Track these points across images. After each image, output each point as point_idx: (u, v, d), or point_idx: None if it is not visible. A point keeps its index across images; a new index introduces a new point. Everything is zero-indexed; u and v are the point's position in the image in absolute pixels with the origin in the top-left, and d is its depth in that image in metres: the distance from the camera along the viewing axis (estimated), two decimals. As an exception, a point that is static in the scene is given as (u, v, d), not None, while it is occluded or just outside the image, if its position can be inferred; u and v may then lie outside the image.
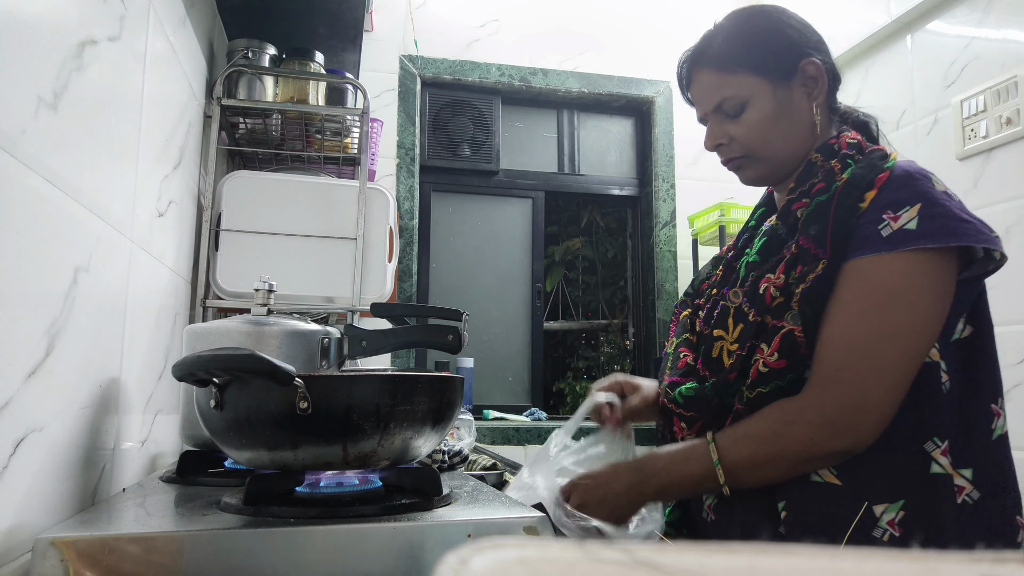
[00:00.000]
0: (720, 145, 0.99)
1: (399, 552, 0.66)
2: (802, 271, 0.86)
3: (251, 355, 0.66)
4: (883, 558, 0.17)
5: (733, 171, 1.02)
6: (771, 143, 0.96)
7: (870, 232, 0.84)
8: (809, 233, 0.87)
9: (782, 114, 0.96)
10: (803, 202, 0.91)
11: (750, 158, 0.98)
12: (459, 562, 0.17)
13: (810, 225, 0.87)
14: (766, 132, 0.96)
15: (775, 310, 0.87)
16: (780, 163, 0.97)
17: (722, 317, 0.93)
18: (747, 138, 0.96)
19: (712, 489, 0.88)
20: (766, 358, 0.86)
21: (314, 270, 1.58)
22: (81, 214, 0.82)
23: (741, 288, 0.93)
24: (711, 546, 0.18)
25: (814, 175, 0.92)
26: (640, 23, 3.01)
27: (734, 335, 0.90)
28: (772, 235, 0.93)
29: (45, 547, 0.59)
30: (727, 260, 1.06)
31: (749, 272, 0.93)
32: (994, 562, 0.17)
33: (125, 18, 0.97)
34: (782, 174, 0.99)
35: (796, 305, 0.85)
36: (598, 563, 0.17)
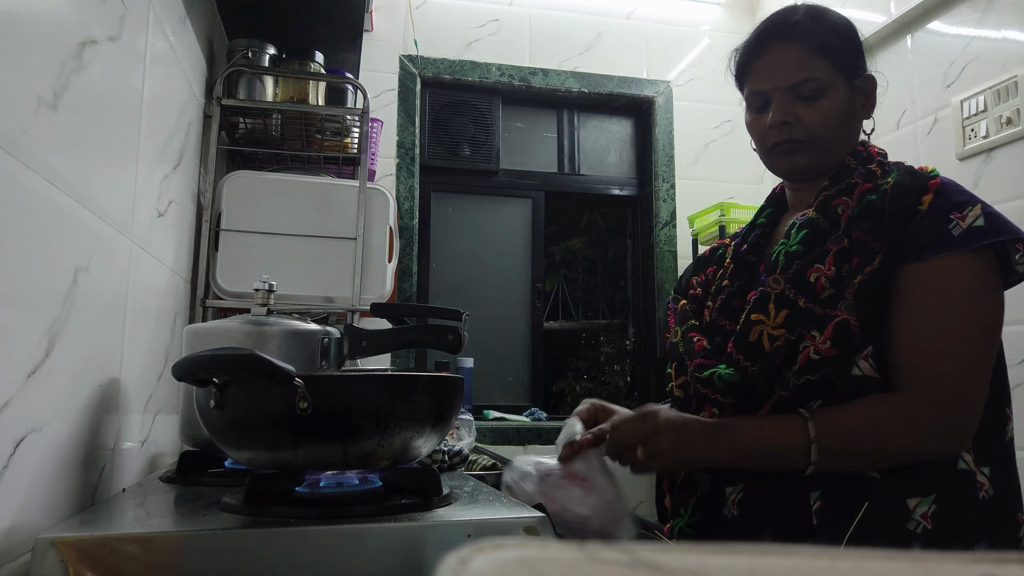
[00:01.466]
0: (786, 124, 0.97)
1: (399, 552, 0.66)
2: (859, 263, 0.87)
3: (251, 355, 0.66)
4: (883, 558, 0.17)
5: (781, 155, 1.00)
6: (834, 136, 0.97)
7: (940, 232, 0.86)
8: (862, 228, 0.89)
9: (849, 114, 0.98)
10: (843, 200, 0.93)
11: (810, 145, 0.97)
12: (459, 562, 0.17)
13: (862, 221, 0.89)
14: (836, 124, 0.96)
15: (826, 300, 0.88)
16: (828, 160, 0.98)
17: (761, 302, 0.92)
18: (817, 125, 0.96)
19: (791, 465, 0.87)
20: (818, 345, 0.86)
21: (314, 270, 1.58)
22: (81, 214, 0.82)
23: (783, 275, 0.92)
24: (711, 546, 0.18)
25: (849, 176, 0.95)
26: (640, 23, 3.01)
27: (777, 320, 0.90)
28: (813, 227, 0.93)
29: (45, 547, 0.59)
30: (738, 253, 1.05)
31: (791, 261, 0.93)
32: (994, 562, 0.17)
33: (125, 18, 0.97)
34: (820, 171, 0.99)
35: (851, 296, 0.87)
36: (598, 563, 0.17)
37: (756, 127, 1.02)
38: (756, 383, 0.91)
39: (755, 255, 1.04)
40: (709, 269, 1.13)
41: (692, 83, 3.02)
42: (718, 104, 3.05)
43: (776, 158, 1.01)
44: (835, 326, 0.86)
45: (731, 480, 0.95)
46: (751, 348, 0.91)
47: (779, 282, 0.92)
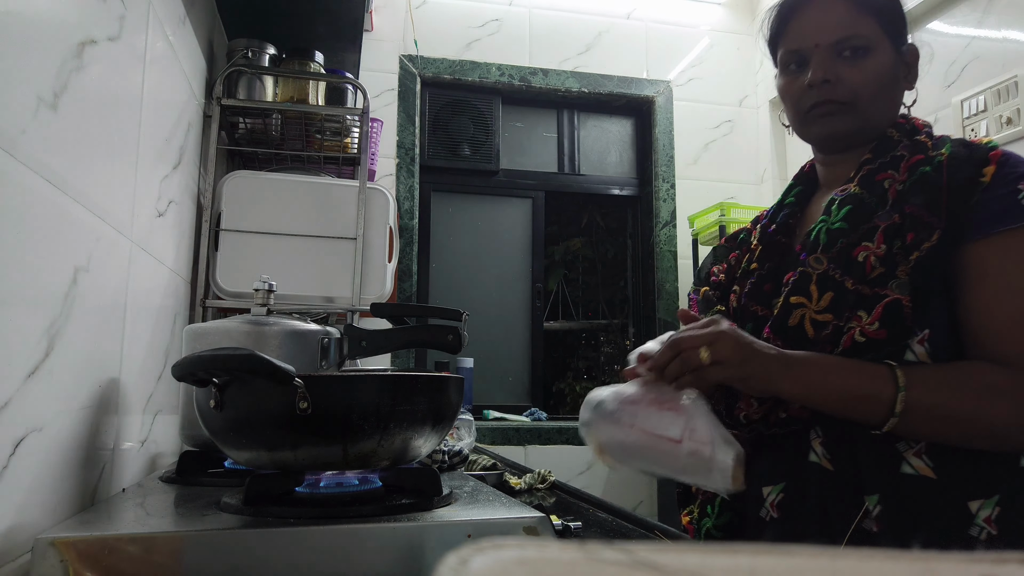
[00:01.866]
0: (827, 82, 0.89)
1: (399, 552, 0.66)
2: (914, 239, 0.80)
3: (251, 355, 0.66)
4: (883, 558, 0.17)
5: (818, 118, 0.92)
6: (877, 101, 0.90)
7: (1010, 203, 0.79)
8: (916, 202, 0.82)
9: (893, 80, 0.91)
10: (889, 173, 0.86)
11: (851, 107, 0.90)
12: (459, 562, 0.17)
13: (915, 195, 0.82)
14: (880, 87, 0.90)
15: (876, 280, 0.81)
16: (869, 127, 0.91)
17: (801, 284, 0.85)
18: (861, 85, 0.89)
19: (869, 414, 0.77)
20: (864, 327, 0.79)
21: (314, 270, 1.58)
22: (81, 214, 0.82)
23: (825, 254, 0.85)
24: (711, 546, 0.18)
25: (893, 148, 0.88)
26: (640, 23, 3.01)
27: (822, 303, 0.83)
28: (857, 202, 0.86)
29: (45, 547, 0.59)
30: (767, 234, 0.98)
31: (835, 239, 0.85)
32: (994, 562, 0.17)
33: (125, 18, 0.97)
34: (859, 139, 0.92)
35: (904, 274, 0.79)
36: (598, 563, 0.17)
37: (791, 90, 0.94)
38: None
39: (785, 236, 0.97)
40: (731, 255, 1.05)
41: (692, 83, 3.02)
42: (718, 104, 3.05)
43: (812, 122, 0.93)
44: (885, 307, 0.78)
45: (770, 478, 0.87)
46: (791, 334, 0.84)
47: (821, 261, 0.84)
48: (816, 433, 0.84)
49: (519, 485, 1.30)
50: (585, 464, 2.61)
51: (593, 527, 1.02)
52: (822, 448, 0.83)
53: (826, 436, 0.83)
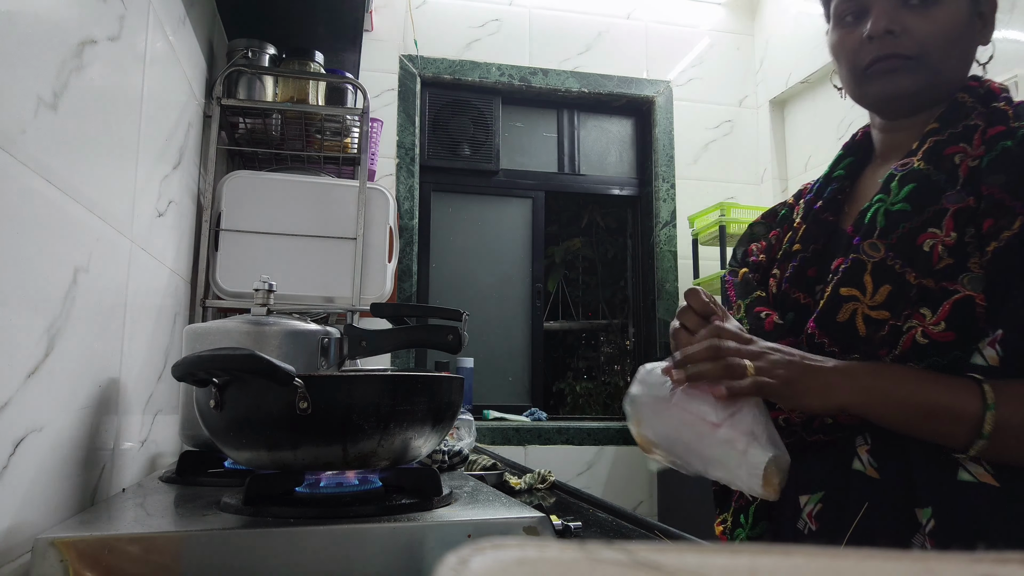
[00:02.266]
0: (890, 33, 0.78)
1: (399, 552, 0.66)
2: (992, 227, 0.69)
3: (251, 355, 0.66)
4: (883, 558, 0.17)
5: (879, 75, 0.80)
6: (949, 56, 0.79)
7: None
8: (996, 182, 0.71)
9: (967, 34, 0.80)
10: (961, 146, 0.75)
11: (918, 62, 0.78)
12: (459, 562, 0.17)
13: (994, 174, 0.71)
14: (951, 40, 0.78)
15: (943, 272, 0.70)
16: (937, 88, 0.80)
17: (853, 274, 0.74)
18: (930, 36, 0.77)
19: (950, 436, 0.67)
20: (928, 327, 0.69)
21: (314, 270, 1.58)
22: (81, 214, 0.82)
23: (883, 240, 0.73)
24: (711, 546, 0.18)
25: (965, 117, 0.77)
26: (640, 23, 3.01)
27: (877, 298, 0.72)
28: (923, 180, 0.74)
29: (45, 547, 0.59)
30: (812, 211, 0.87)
31: (896, 223, 0.74)
32: (994, 562, 0.17)
33: (125, 18, 0.97)
34: (925, 100, 0.80)
35: (977, 267, 0.69)
36: (598, 563, 0.17)
37: (847, 44, 0.82)
38: None
39: (833, 214, 0.86)
40: (772, 233, 0.94)
41: (692, 83, 3.02)
42: (718, 104, 3.05)
43: (872, 80, 0.81)
44: (954, 304, 0.68)
45: (808, 486, 0.79)
46: (840, 330, 0.74)
47: (878, 248, 0.73)
48: (864, 439, 0.75)
49: (519, 485, 1.30)
50: (585, 464, 2.61)
51: (593, 527, 1.02)
52: (868, 456, 0.74)
53: (874, 443, 0.74)
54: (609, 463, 2.63)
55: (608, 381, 4.23)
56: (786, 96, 2.96)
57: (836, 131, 2.68)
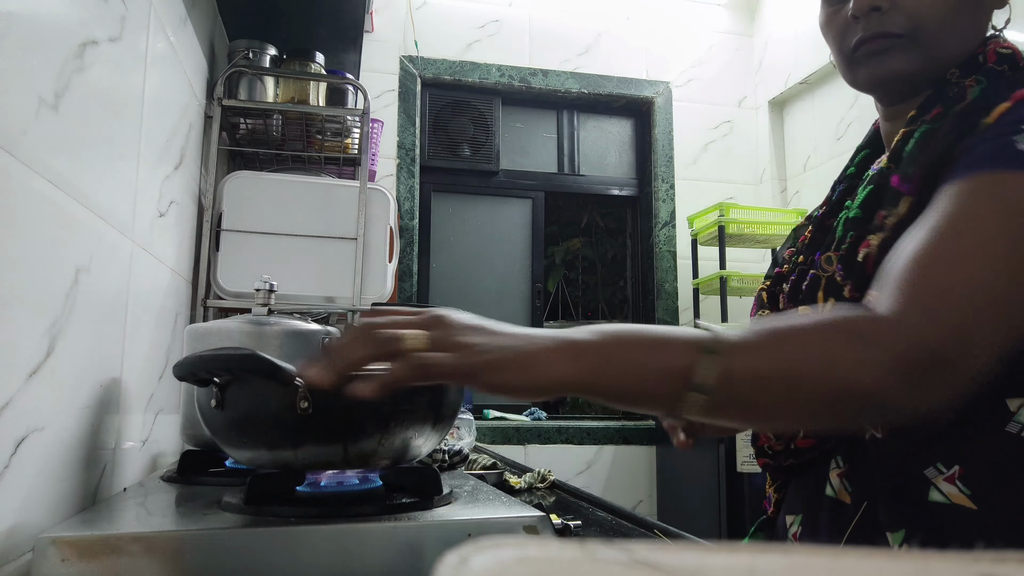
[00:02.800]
0: (875, 10, 0.69)
1: (399, 552, 0.66)
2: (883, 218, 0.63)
3: (252, 355, 0.66)
4: (883, 558, 0.17)
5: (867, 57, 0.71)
6: (948, 28, 0.69)
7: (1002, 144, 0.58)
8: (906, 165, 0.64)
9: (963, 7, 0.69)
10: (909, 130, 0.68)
11: (910, 40, 0.69)
12: (459, 561, 0.17)
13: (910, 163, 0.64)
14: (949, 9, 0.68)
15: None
16: (936, 64, 0.70)
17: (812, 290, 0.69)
18: (923, 8, 0.68)
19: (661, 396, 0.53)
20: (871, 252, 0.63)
21: (314, 270, 1.58)
22: (82, 214, 0.82)
23: (836, 252, 0.68)
24: (711, 545, 0.18)
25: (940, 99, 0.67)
26: (640, 23, 3.01)
27: None
28: (879, 182, 0.67)
29: (46, 546, 0.59)
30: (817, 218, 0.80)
31: (848, 231, 0.68)
32: (994, 562, 0.17)
33: (126, 19, 0.97)
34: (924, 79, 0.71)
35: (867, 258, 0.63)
36: (598, 563, 0.17)
37: (834, 24, 0.74)
38: None
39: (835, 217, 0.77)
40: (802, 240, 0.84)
41: (692, 83, 3.02)
42: (717, 105, 3.06)
43: (861, 63, 0.72)
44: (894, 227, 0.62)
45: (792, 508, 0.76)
46: None
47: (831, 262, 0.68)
48: (836, 463, 0.69)
49: (519, 484, 1.31)
50: (585, 463, 2.61)
51: (593, 526, 1.02)
52: (839, 480, 0.69)
53: (847, 466, 0.68)
54: (609, 462, 2.63)
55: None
56: (785, 97, 2.96)
57: (835, 131, 2.68)
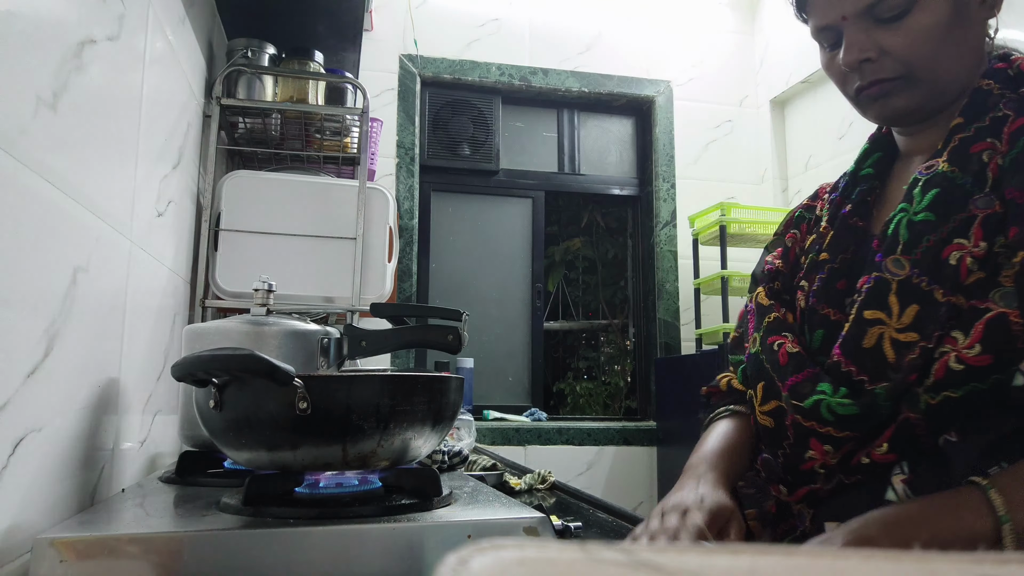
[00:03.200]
0: (867, 61, 0.73)
1: (399, 552, 0.66)
2: (1018, 235, 0.63)
3: (251, 355, 0.66)
4: (883, 558, 0.17)
5: (870, 101, 0.76)
6: (940, 59, 0.72)
7: None
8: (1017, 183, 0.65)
9: (956, 23, 0.72)
10: (989, 142, 0.69)
11: (906, 80, 0.73)
12: (459, 562, 0.17)
13: (1018, 173, 0.65)
14: (937, 42, 0.72)
15: (973, 287, 0.64)
16: (941, 90, 0.74)
17: (877, 294, 0.69)
18: (910, 50, 0.71)
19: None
20: (961, 352, 0.63)
21: (314, 270, 1.58)
22: (80, 214, 0.82)
23: (907, 256, 0.68)
24: (711, 546, 0.18)
25: (992, 107, 0.70)
26: (640, 23, 3.01)
27: (904, 319, 0.66)
28: (947, 184, 0.68)
29: (44, 547, 0.59)
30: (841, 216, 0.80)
31: (920, 235, 0.68)
32: (994, 562, 0.17)
33: (124, 18, 0.97)
34: (937, 105, 0.75)
35: (1009, 280, 0.63)
36: (598, 563, 0.17)
37: (832, 69, 0.79)
38: (880, 410, 0.67)
39: (863, 218, 0.79)
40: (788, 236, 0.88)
41: (692, 83, 3.02)
42: (718, 104, 3.05)
43: (866, 105, 0.77)
44: (987, 324, 0.62)
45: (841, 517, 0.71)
46: (868, 357, 0.68)
47: (902, 265, 0.68)
48: (900, 469, 0.69)
49: (519, 485, 1.30)
50: (585, 464, 2.61)
51: (593, 527, 1.02)
52: (903, 486, 0.68)
53: (912, 473, 0.68)
54: (609, 463, 2.63)
55: (608, 381, 4.23)
56: (786, 96, 2.96)
57: (837, 131, 2.68)
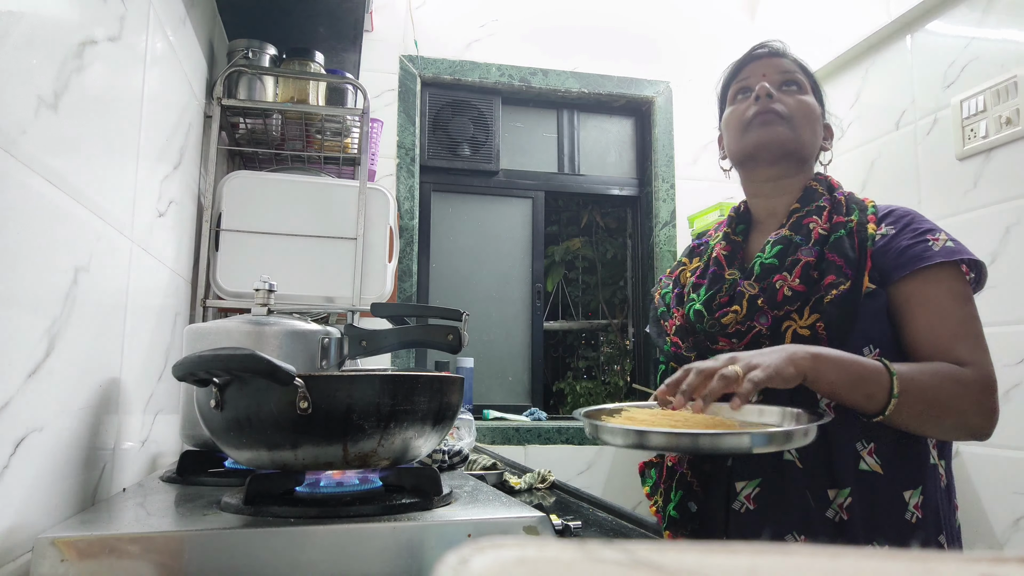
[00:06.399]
0: (771, 96, 1.10)
1: (399, 552, 0.66)
2: (832, 281, 0.98)
3: (251, 355, 0.66)
4: (883, 558, 0.17)
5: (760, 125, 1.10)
6: (805, 128, 1.10)
7: (923, 248, 0.99)
8: (837, 254, 1.00)
9: (818, 124, 1.13)
10: (814, 218, 1.05)
11: (788, 121, 1.09)
12: (459, 562, 0.17)
13: (836, 249, 1.01)
14: (809, 117, 1.11)
15: (782, 302, 1.00)
16: (796, 146, 1.10)
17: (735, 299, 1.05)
18: (797, 108, 1.10)
19: (873, 395, 0.89)
20: (790, 283, 1.00)
21: (314, 270, 1.58)
22: (81, 214, 0.82)
23: (758, 282, 1.03)
24: (711, 546, 0.18)
25: (817, 199, 1.08)
26: (640, 23, 3.01)
27: (743, 314, 1.03)
28: (786, 241, 1.05)
29: (45, 547, 0.59)
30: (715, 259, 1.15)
31: (767, 272, 1.04)
32: (994, 562, 0.17)
33: (125, 18, 0.97)
34: (791, 162, 1.11)
35: (821, 302, 0.98)
36: (598, 563, 0.17)
37: (735, 113, 1.13)
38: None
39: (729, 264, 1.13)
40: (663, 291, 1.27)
41: (692, 83, 3.02)
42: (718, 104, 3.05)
43: (754, 129, 1.10)
44: (802, 268, 0.99)
45: (744, 475, 1.00)
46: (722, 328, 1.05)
47: (754, 287, 1.04)
48: None
49: (519, 485, 1.30)
50: (585, 464, 2.61)
51: (593, 527, 1.02)
52: (795, 450, 0.97)
53: None
54: (609, 463, 2.63)
55: (608, 381, 4.23)
56: (786, 96, 2.95)
57: (835, 131, 2.68)
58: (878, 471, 0.95)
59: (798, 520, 0.96)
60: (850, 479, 0.95)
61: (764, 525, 0.98)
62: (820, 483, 0.96)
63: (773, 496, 0.98)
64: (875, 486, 0.94)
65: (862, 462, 0.96)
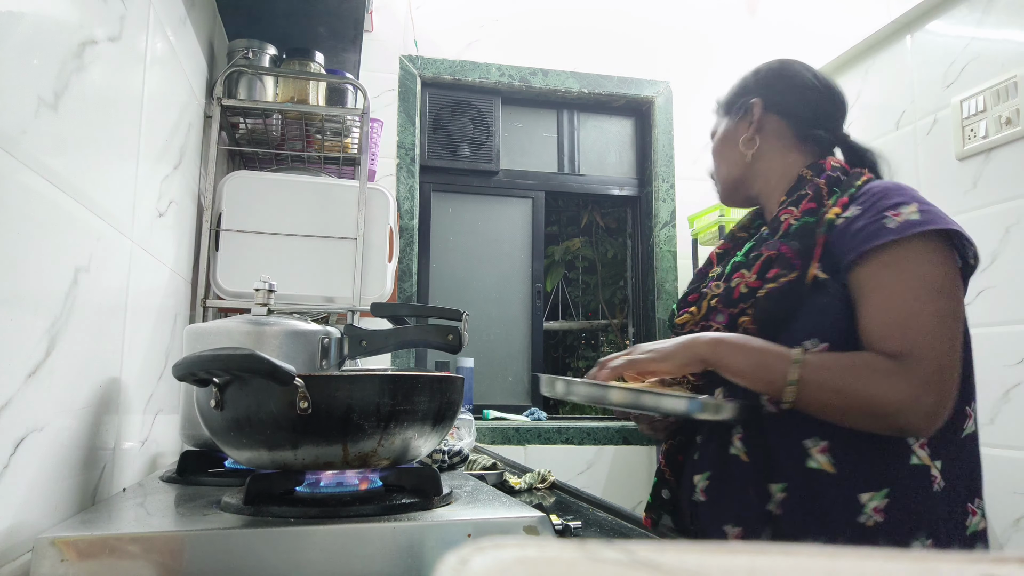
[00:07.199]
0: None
1: (399, 552, 0.66)
2: (774, 275, 0.94)
3: (251, 355, 0.66)
4: (883, 558, 0.17)
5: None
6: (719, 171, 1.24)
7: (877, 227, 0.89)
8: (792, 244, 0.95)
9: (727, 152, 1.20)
10: (791, 209, 1.00)
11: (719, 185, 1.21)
12: (459, 562, 0.17)
13: (794, 239, 0.96)
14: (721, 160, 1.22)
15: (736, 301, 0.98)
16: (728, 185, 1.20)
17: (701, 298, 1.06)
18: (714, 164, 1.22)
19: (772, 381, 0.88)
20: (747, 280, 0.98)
21: (314, 270, 1.58)
22: (81, 214, 0.82)
23: (725, 282, 1.02)
24: (711, 546, 0.18)
25: (802, 187, 1.03)
26: (640, 23, 3.01)
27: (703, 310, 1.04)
28: (758, 239, 1.03)
29: (45, 547, 0.59)
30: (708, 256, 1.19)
31: (735, 271, 1.02)
32: (994, 562, 0.17)
33: (125, 18, 0.97)
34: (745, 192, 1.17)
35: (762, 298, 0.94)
36: (598, 563, 0.17)
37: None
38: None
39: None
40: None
41: (692, 83, 3.02)
42: (718, 104, 3.05)
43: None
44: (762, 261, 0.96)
45: (699, 468, 1.02)
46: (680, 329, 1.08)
47: (720, 287, 1.02)
48: (737, 431, 0.98)
49: (519, 485, 1.31)
50: (585, 464, 2.61)
51: (593, 527, 1.02)
52: (740, 444, 0.97)
53: (744, 433, 0.97)
54: (609, 463, 2.63)
55: (608, 381, 4.23)
56: (786, 96, 2.95)
57: (836, 131, 2.68)
58: (829, 470, 0.90)
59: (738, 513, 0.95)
60: (791, 475, 0.91)
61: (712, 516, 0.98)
62: (761, 477, 0.94)
63: (721, 488, 0.98)
64: (822, 485, 0.90)
65: (811, 460, 0.91)
